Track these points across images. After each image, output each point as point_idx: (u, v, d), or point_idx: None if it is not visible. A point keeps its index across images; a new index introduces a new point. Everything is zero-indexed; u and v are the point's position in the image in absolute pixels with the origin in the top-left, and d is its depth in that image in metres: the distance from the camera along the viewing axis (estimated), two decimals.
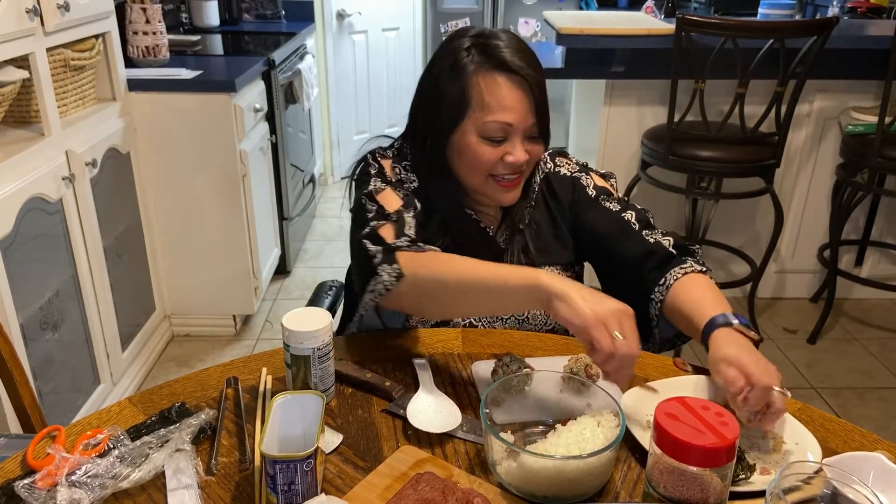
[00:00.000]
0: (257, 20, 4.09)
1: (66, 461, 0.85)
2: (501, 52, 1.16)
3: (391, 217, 1.17)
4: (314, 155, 4.06)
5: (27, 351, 1.78)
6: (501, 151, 1.17)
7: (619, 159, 2.91)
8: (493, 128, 1.16)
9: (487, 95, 1.15)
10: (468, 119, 1.17)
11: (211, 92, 2.46)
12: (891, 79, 2.40)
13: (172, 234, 2.64)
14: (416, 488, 0.81)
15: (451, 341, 1.19)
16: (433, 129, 1.22)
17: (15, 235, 1.74)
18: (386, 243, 1.12)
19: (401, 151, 1.31)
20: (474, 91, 1.16)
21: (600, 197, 1.31)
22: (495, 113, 1.15)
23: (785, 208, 2.95)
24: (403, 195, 1.23)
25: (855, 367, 2.69)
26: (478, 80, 1.16)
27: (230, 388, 1.05)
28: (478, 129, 1.17)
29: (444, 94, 1.19)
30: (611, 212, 1.29)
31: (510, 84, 1.15)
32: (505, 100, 1.15)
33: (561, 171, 1.35)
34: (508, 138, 1.17)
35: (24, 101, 1.97)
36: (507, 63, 1.15)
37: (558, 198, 1.33)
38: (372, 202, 1.20)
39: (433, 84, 1.22)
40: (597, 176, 1.36)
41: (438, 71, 1.21)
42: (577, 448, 0.86)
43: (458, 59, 1.18)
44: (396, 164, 1.28)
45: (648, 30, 2.56)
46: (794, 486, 0.76)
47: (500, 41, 1.17)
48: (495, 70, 1.15)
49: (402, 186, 1.25)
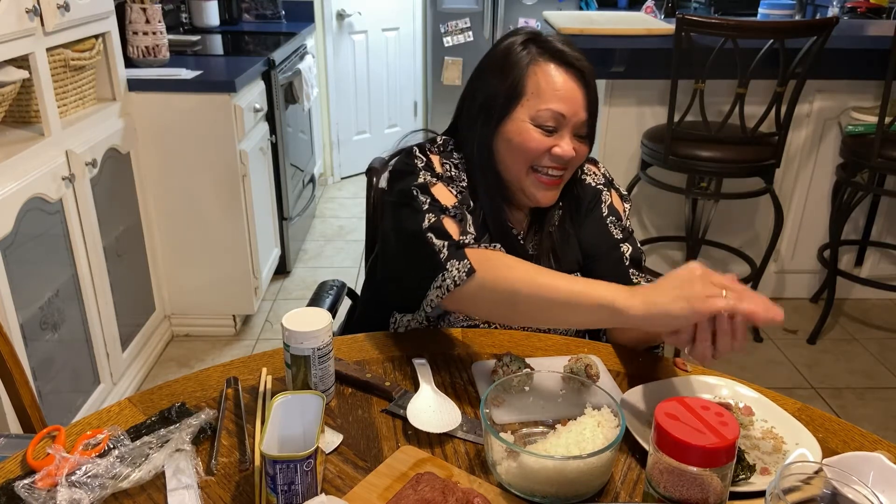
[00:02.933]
0: (257, 20, 4.09)
1: (66, 461, 0.85)
2: (557, 44, 1.17)
3: (449, 212, 1.15)
4: (314, 155, 4.06)
5: (27, 351, 1.78)
6: (551, 142, 1.17)
7: (619, 159, 2.91)
8: (545, 115, 1.16)
9: (544, 83, 1.16)
10: (521, 106, 1.17)
11: (211, 92, 2.46)
12: (891, 79, 2.40)
13: (172, 234, 2.64)
14: (416, 488, 0.81)
15: (451, 341, 1.19)
16: (485, 117, 1.20)
17: (15, 235, 1.74)
18: (452, 238, 1.10)
19: (445, 147, 1.28)
20: (530, 79, 1.16)
21: (609, 219, 1.30)
22: (550, 101, 1.15)
23: (785, 208, 2.95)
24: (458, 192, 1.21)
25: (855, 367, 2.69)
26: (535, 68, 1.17)
27: (230, 388, 1.05)
28: (531, 115, 1.16)
29: (499, 83, 1.19)
30: (612, 238, 1.29)
31: (566, 75, 1.16)
32: (560, 89, 1.16)
33: (587, 179, 1.34)
34: (559, 130, 1.17)
35: (24, 101, 1.97)
36: (564, 53, 1.16)
37: (580, 206, 1.32)
38: (425, 194, 1.16)
39: (486, 77, 1.22)
40: (616, 196, 1.35)
41: (492, 64, 1.21)
42: (577, 448, 0.86)
43: (513, 51, 1.19)
44: (446, 161, 1.25)
45: (648, 30, 2.56)
46: (794, 486, 0.76)
47: (554, 38, 1.19)
48: (552, 60, 1.17)
49: (453, 183, 1.23)
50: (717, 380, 1.08)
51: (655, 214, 3.03)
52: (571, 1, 4.53)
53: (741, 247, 3.01)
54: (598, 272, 1.25)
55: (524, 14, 4.55)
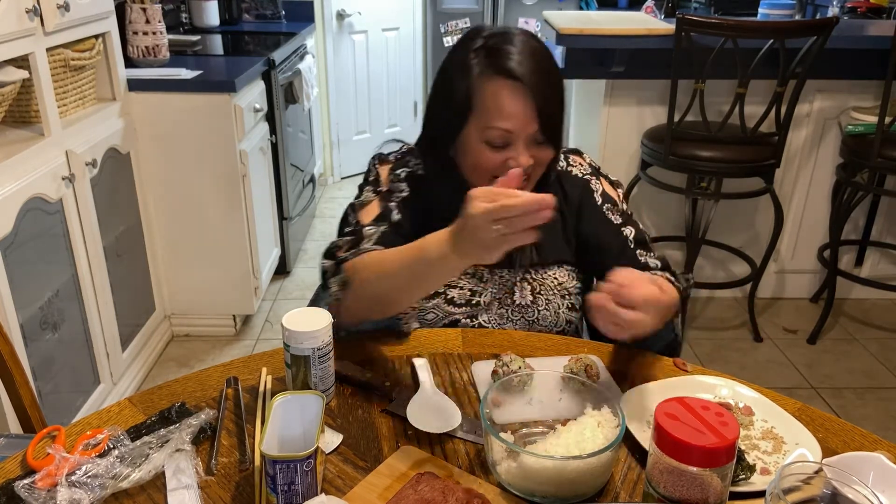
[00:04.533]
0: (257, 20, 4.09)
1: (66, 461, 0.85)
2: (509, 56, 1.14)
3: (356, 232, 1.20)
4: (314, 155, 4.06)
5: (27, 351, 1.78)
6: (504, 157, 1.16)
7: (619, 159, 2.91)
8: (493, 134, 1.15)
9: (490, 101, 1.14)
10: (471, 123, 1.17)
11: (211, 92, 2.46)
12: (891, 79, 2.40)
13: (172, 234, 2.64)
14: (416, 488, 0.81)
15: (451, 341, 1.19)
16: (442, 126, 1.22)
17: (15, 235, 1.74)
18: (337, 257, 1.16)
19: (403, 157, 1.31)
20: (477, 95, 1.15)
21: (605, 206, 1.31)
22: (495, 120, 1.14)
23: (785, 208, 2.95)
24: (383, 206, 1.24)
25: (855, 367, 2.69)
26: (481, 84, 1.15)
27: (230, 388, 1.05)
28: (480, 133, 1.16)
29: (452, 93, 1.19)
30: (612, 224, 1.29)
31: (511, 91, 1.13)
32: (505, 107, 1.14)
33: (573, 171, 1.35)
34: (511, 144, 1.16)
35: (24, 101, 1.97)
36: (509, 70, 1.13)
37: (568, 198, 1.32)
38: (353, 214, 1.24)
39: (444, 81, 1.22)
40: (606, 182, 1.35)
41: (449, 69, 1.21)
42: (577, 448, 0.86)
43: (467, 59, 1.17)
44: (393, 172, 1.29)
45: (648, 30, 2.56)
46: (794, 486, 0.76)
47: (510, 45, 1.16)
48: (497, 75, 1.14)
49: (389, 197, 1.26)
50: (717, 380, 1.08)
51: (655, 214, 3.03)
52: (571, 1, 4.52)
53: (741, 247, 3.01)
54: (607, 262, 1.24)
55: (524, 14, 4.55)
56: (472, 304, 1.25)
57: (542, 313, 1.27)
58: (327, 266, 1.16)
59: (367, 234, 1.19)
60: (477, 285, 1.26)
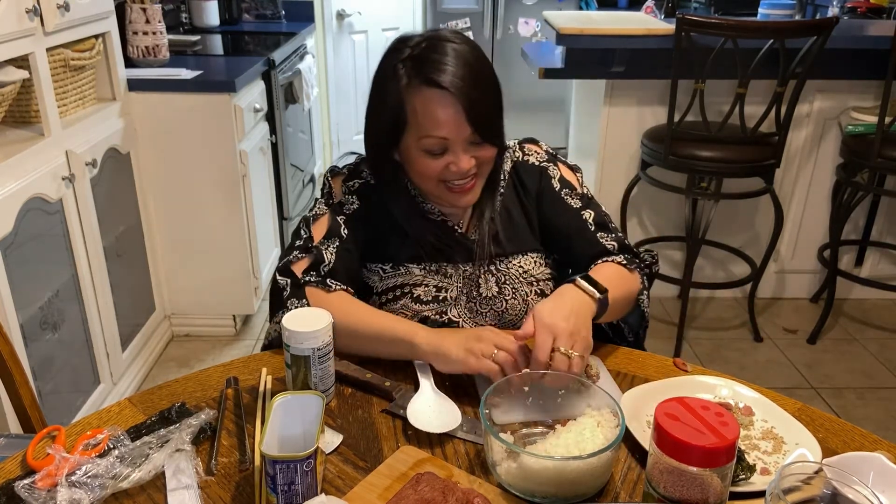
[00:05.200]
0: (257, 20, 4.09)
1: (66, 461, 0.85)
2: (434, 65, 1.14)
3: (311, 251, 1.22)
4: (314, 155, 4.06)
5: (27, 351, 1.78)
6: (444, 162, 1.18)
7: (619, 159, 2.91)
8: (429, 143, 1.16)
9: (420, 112, 1.15)
10: (407, 133, 1.19)
11: (211, 92, 2.46)
12: (891, 79, 2.40)
13: (172, 234, 2.64)
14: (416, 488, 0.81)
15: None
16: (380, 136, 1.24)
17: (15, 235, 1.74)
18: (295, 276, 1.18)
19: (356, 168, 1.33)
20: (408, 106, 1.16)
21: (563, 191, 1.32)
22: (429, 129, 1.15)
23: (785, 208, 2.95)
24: (332, 221, 1.26)
25: (855, 367, 2.69)
26: (410, 95, 1.16)
27: (230, 388, 1.05)
28: (417, 143, 1.18)
29: (384, 106, 1.20)
30: (571, 208, 1.31)
31: (439, 99, 1.14)
32: (437, 116, 1.14)
33: (529, 159, 1.36)
34: (450, 149, 1.17)
35: (24, 101, 1.97)
36: (434, 80, 1.13)
37: (526, 186, 1.34)
38: (306, 229, 1.26)
39: (377, 93, 1.23)
40: (564, 167, 1.37)
41: (379, 82, 1.22)
42: (577, 448, 0.86)
43: (395, 70, 1.17)
44: (345, 184, 1.31)
45: (648, 30, 2.56)
46: (794, 486, 0.76)
47: (436, 53, 1.15)
48: (424, 85, 1.14)
49: (340, 210, 1.28)
50: (717, 380, 1.08)
51: (655, 214, 3.03)
52: (571, 1, 4.52)
53: (741, 247, 3.01)
54: (573, 248, 1.30)
55: (524, 14, 4.55)
56: (440, 300, 1.26)
57: (510, 303, 1.27)
58: (284, 283, 1.18)
59: (326, 256, 1.21)
60: (441, 281, 1.27)
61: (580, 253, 1.27)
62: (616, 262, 1.22)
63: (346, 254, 1.24)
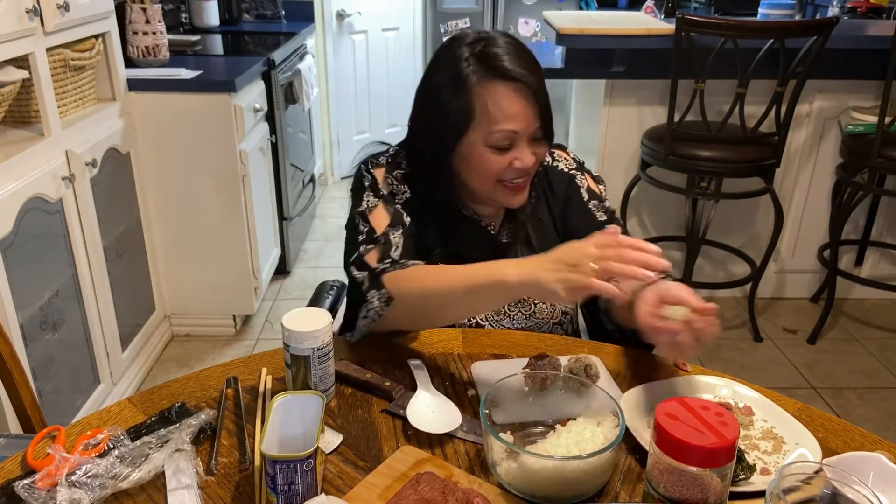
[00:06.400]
0: (257, 20, 4.09)
1: (66, 461, 0.85)
2: (501, 60, 1.15)
3: (379, 240, 1.19)
4: (314, 155, 4.06)
5: (27, 351, 1.78)
6: (509, 158, 1.18)
7: (619, 159, 2.91)
8: (499, 137, 1.16)
9: (492, 106, 1.15)
10: (473, 130, 1.17)
11: (211, 92, 2.46)
12: (891, 79, 2.40)
13: (172, 234, 2.64)
14: (416, 488, 0.81)
15: (451, 341, 1.19)
16: (437, 140, 1.22)
17: (15, 235, 1.74)
18: (371, 268, 1.15)
19: (394, 159, 1.31)
20: (478, 102, 1.16)
21: (591, 202, 1.33)
22: (500, 123, 1.15)
23: (785, 208, 2.95)
24: (392, 211, 1.24)
25: (855, 367, 2.69)
26: (480, 91, 1.15)
27: (230, 388, 1.05)
28: (484, 139, 1.17)
29: (447, 106, 1.18)
30: (597, 221, 1.32)
31: (513, 93, 1.15)
32: (509, 109, 1.15)
33: (559, 165, 1.36)
34: (515, 144, 1.17)
35: (24, 101, 1.97)
36: (508, 72, 1.14)
37: (555, 192, 1.34)
38: (364, 222, 1.23)
39: (434, 97, 1.21)
40: (590, 178, 1.37)
41: (438, 83, 1.20)
42: (577, 448, 0.86)
43: (458, 70, 1.16)
44: (389, 174, 1.28)
45: (648, 30, 2.56)
46: (794, 486, 0.76)
47: (498, 48, 1.16)
48: (497, 80, 1.15)
49: (393, 200, 1.26)
50: (717, 380, 1.08)
51: (655, 214, 3.03)
52: (571, 1, 4.52)
53: (741, 247, 3.01)
54: None
55: (524, 14, 4.55)
56: None
57: (539, 306, 1.29)
58: (362, 278, 1.15)
59: (394, 242, 1.19)
60: None
61: None
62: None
63: (412, 239, 1.22)
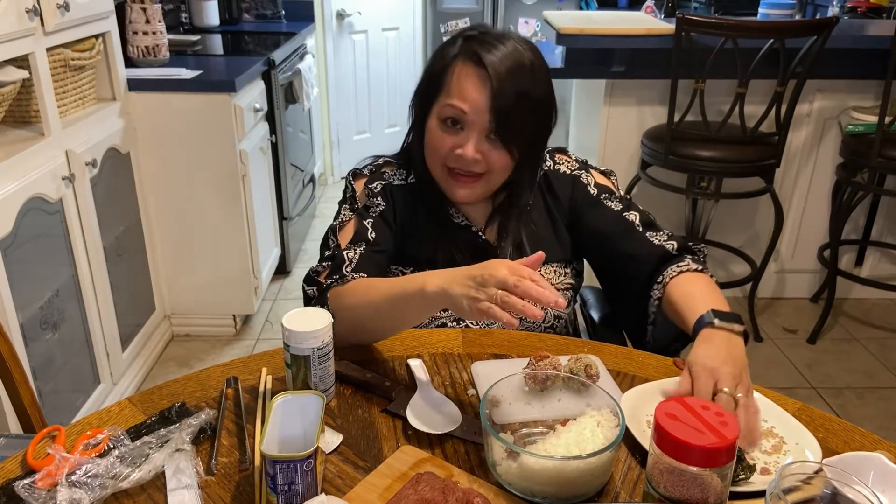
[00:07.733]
0: (257, 20, 4.09)
1: (66, 461, 0.85)
2: (483, 47, 1.16)
3: (336, 256, 1.21)
4: (314, 155, 4.06)
5: (27, 351, 1.78)
6: (452, 143, 1.19)
7: (619, 159, 2.91)
8: (448, 111, 1.18)
9: (454, 81, 1.18)
10: (437, 103, 1.20)
11: (211, 92, 2.46)
12: (891, 79, 2.40)
13: (172, 234, 2.64)
14: (416, 488, 0.81)
15: (451, 341, 1.19)
16: (417, 110, 1.26)
17: (15, 235, 1.74)
18: (320, 284, 1.17)
19: (378, 169, 1.32)
20: (448, 74, 1.19)
21: (602, 196, 1.32)
22: (453, 97, 1.17)
23: (785, 208, 2.95)
24: (359, 225, 1.24)
25: (855, 367, 2.69)
26: (454, 65, 1.18)
27: (230, 388, 1.05)
28: (439, 112, 1.19)
29: (428, 71, 1.23)
30: (613, 211, 1.30)
31: (476, 77, 1.16)
32: (465, 89, 1.16)
33: (560, 168, 1.36)
34: (464, 129, 1.18)
35: (24, 101, 1.97)
36: (481, 58, 1.15)
37: (557, 196, 1.33)
38: (334, 237, 1.25)
39: (431, 59, 1.25)
40: (597, 173, 1.37)
41: (440, 48, 1.24)
42: (577, 448, 0.86)
43: (448, 45, 1.21)
44: (368, 186, 1.29)
45: (648, 30, 2.56)
46: (794, 486, 0.76)
47: (496, 41, 1.17)
48: (469, 60, 1.17)
49: (367, 213, 1.26)
50: None
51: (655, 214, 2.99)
52: (571, 1, 4.52)
53: (741, 247, 3.01)
54: (621, 249, 1.27)
55: (524, 14, 4.55)
56: None
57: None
58: (311, 293, 1.18)
59: (348, 257, 1.19)
60: None
61: (631, 254, 1.25)
62: (691, 269, 1.19)
63: (373, 255, 1.22)
